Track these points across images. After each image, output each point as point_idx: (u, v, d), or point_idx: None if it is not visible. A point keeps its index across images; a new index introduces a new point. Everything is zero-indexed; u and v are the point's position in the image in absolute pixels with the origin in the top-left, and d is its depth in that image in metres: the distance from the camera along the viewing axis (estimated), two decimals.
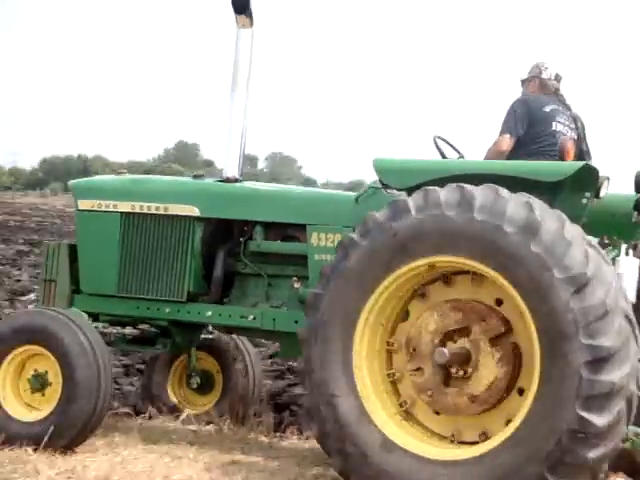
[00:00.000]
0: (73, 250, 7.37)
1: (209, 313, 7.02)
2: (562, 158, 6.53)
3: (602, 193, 6.35)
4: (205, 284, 7.14)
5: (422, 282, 5.94)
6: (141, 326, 7.67)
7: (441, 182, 5.81)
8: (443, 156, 7.00)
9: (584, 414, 5.23)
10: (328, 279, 5.88)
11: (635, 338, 5.49)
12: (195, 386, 8.08)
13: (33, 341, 6.59)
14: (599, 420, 5.23)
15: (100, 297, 7.28)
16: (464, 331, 5.78)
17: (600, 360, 5.25)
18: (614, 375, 5.27)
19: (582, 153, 7.20)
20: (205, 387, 8.14)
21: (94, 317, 7.28)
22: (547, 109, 7.04)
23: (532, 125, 6.92)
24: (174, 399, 8.14)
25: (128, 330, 7.79)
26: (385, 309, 5.92)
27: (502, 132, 6.90)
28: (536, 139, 6.87)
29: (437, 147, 7.02)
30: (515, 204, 5.50)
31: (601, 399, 5.25)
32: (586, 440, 5.25)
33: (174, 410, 8.01)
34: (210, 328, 7.91)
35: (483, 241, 5.52)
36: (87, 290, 7.31)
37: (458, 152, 7.16)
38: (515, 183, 5.77)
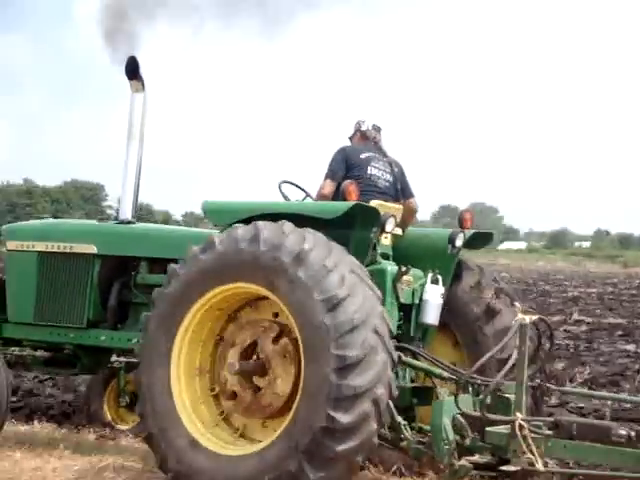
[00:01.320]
0: (2, 284, 8.61)
1: (103, 337, 8.14)
2: (344, 198, 7.28)
3: (388, 228, 7.34)
4: (103, 312, 8.23)
5: (234, 308, 6.94)
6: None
7: (256, 219, 6.79)
8: (286, 199, 7.91)
9: (332, 413, 6.12)
10: (155, 303, 6.90)
11: (386, 349, 6.35)
12: (124, 404, 9.18)
13: None
14: (345, 418, 6.13)
15: (22, 325, 8.43)
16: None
17: (346, 367, 6.14)
18: (358, 380, 6.15)
19: (397, 193, 8.07)
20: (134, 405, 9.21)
21: (17, 342, 8.52)
22: (363, 156, 7.92)
23: (350, 170, 7.79)
24: (108, 415, 9.27)
25: (40, 353, 8.92)
26: (202, 330, 6.91)
27: (325, 177, 7.80)
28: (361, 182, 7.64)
29: (281, 192, 8.02)
30: (292, 238, 6.46)
31: (347, 400, 6.14)
32: (335, 436, 6.13)
33: (109, 425, 9.14)
34: None
35: (266, 269, 6.47)
36: (12, 319, 8.48)
37: (306, 192, 8.05)
38: (306, 220, 6.77)
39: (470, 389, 7.14)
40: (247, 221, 6.86)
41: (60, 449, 8.06)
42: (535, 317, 7.05)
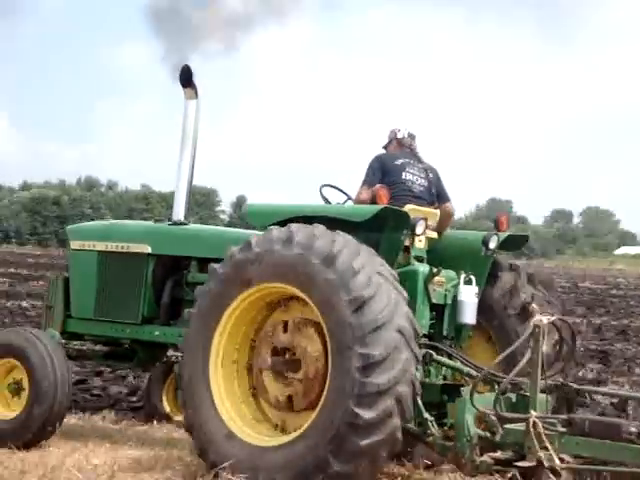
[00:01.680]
0: (67, 282, 9.19)
1: (157, 333, 8.63)
2: (375, 202, 7.60)
3: (418, 231, 7.67)
4: (157, 309, 8.73)
5: (268, 309, 7.37)
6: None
7: (293, 221, 7.20)
8: (327, 202, 8.27)
9: (356, 409, 6.46)
10: (196, 300, 7.36)
11: (409, 348, 6.62)
12: None
13: (10, 355, 8.36)
14: (368, 414, 6.46)
15: (84, 320, 9.01)
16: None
17: (369, 365, 6.47)
18: (381, 378, 6.47)
19: (432, 197, 8.39)
20: None
21: (80, 337, 9.09)
22: (398, 162, 8.27)
23: (385, 176, 8.14)
24: (167, 408, 9.76)
25: (99, 347, 9.48)
26: (239, 328, 7.33)
27: (362, 184, 8.14)
28: (389, 187, 7.94)
29: (322, 195, 8.41)
30: (322, 240, 6.83)
31: (370, 397, 6.47)
32: (359, 431, 6.47)
33: (168, 417, 9.64)
34: None
35: (297, 269, 6.86)
36: (75, 315, 9.06)
37: (347, 195, 8.39)
38: (339, 223, 7.19)
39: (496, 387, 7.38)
40: (285, 223, 7.22)
41: (126, 441, 8.57)
42: (553, 318, 7.28)
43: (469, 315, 7.88)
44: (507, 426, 6.98)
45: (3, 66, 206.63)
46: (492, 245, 8.12)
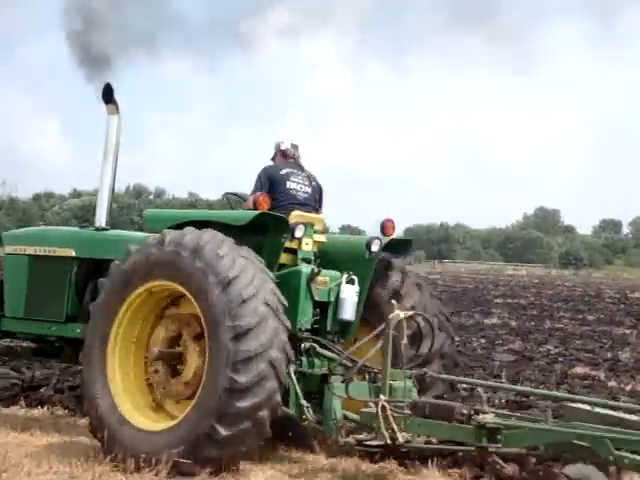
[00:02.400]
0: (1, 284, 10.00)
1: (79, 330, 9.35)
2: (255, 208, 8.38)
3: (297, 234, 8.45)
4: (79, 308, 9.51)
5: (160, 306, 8.17)
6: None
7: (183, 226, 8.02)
8: (233, 208, 9.08)
9: (232, 375, 7.22)
10: (99, 294, 8.26)
11: (277, 318, 7.44)
12: None
13: None
14: (243, 378, 7.21)
15: (15, 319, 9.79)
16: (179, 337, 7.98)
17: (240, 335, 7.26)
18: (252, 345, 7.25)
19: (316, 203, 9.21)
20: None
21: (13, 334, 9.93)
22: (283, 172, 9.07)
23: (272, 186, 8.93)
24: None
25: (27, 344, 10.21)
26: (133, 328, 8.12)
27: (251, 193, 8.92)
28: (275, 196, 8.78)
29: (227, 200, 9.39)
30: (190, 236, 7.69)
31: (243, 363, 7.23)
32: (236, 394, 7.21)
33: None
34: None
35: (169, 265, 7.70)
36: (8, 314, 9.85)
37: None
38: (222, 227, 7.96)
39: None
40: (178, 228, 8.03)
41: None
42: (410, 313, 8.04)
43: (349, 312, 8.60)
44: (362, 409, 7.72)
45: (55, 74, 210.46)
46: (374, 248, 8.81)
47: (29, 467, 7.12)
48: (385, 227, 9.10)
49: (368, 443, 7.69)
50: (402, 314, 7.97)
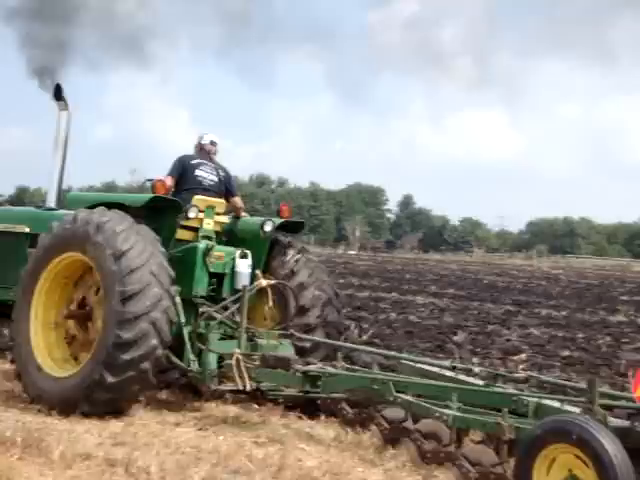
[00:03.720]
0: None
1: None
2: (154, 192, 9.72)
3: (190, 215, 9.86)
4: None
5: (77, 275, 9.60)
6: None
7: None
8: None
9: (118, 332, 8.57)
10: (28, 261, 9.72)
11: (161, 285, 8.76)
12: None
13: None
14: (127, 335, 8.54)
15: None
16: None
17: (126, 298, 8.62)
18: (136, 307, 8.60)
19: (221, 190, 10.62)
20: None
21: None
22: (193, 162, 10.48)
23: (183, 173, 10.37)
24: None
25: None
26: (55, 291, 9.57)
27: (167, 175, 10.30)
28: (184, 182, 10.31)
29: (145, 186, 10.75)
30: (97, 215, 9.10)
31: (128, 322, 8.58)
32: (121, 348, 8.55)
33: None
34: None
35: (78, 239, 9.13)
36: None
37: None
38: (124, 207, 9.41)
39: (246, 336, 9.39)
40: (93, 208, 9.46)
41: None
42: (273, 282, 9.46)
43: (242, 282, 9.90)
44: (226, 361, 9.02)
45: (185, 67, 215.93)
46: (267, 228, 10.37)
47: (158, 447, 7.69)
48: (281, 210, 10.67)
49: (229, 389, 9.05)
50: (264, 282, 9.37)
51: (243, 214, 10.93)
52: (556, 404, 6.91)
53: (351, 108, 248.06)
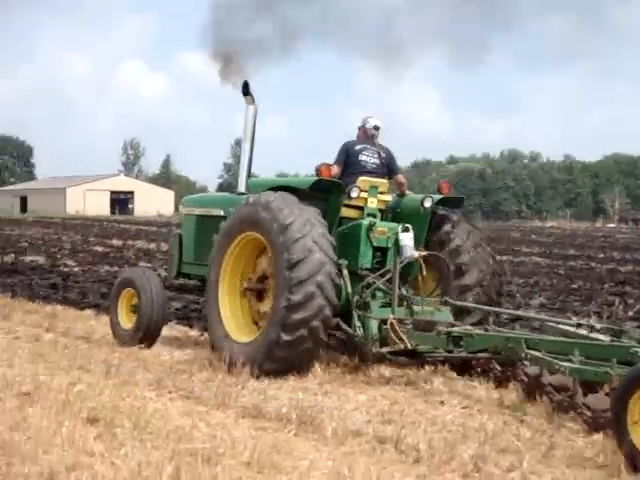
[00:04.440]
0: (181, 238, 12.98)
1: None
2: (318, 175, 10.78)
3: (353, 195, 10.85)
4: None
5: (255, 253, 10.80)
6: None
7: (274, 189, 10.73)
8: None
9: (288, 295, 9.74)
10: (218, 235, 11.02)
11: (323, 252, 9.81)
12: None
13: (130, 286, 12.29)
14: (296, 297, 9.71)
15: (188, 264, 12.76)
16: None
17: (292, 265, 9.78)
18: (301, 272, 9.76)
19: (383, 171, 11.50)
20: None
21: (188, 275, 12.89)
22: (357, 148, 11.44)
23: (348, 158, 11.34)
24: None
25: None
26: (237, 270, 10.79)
27: (333, 163, 11.30)
28: (350, 166, 11.34)
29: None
30: (264, 197, 10.32)
31: (296, 286, 9.74)
32: (292, 309, 9.71)
33: None
34: None
35: (252, 219, 10.39)
36: (185, 260, 12.80)
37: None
38: (297, 190, 10.55)
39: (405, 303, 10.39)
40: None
41: None
42: (424, 253, 10.57)
43: (406, 254, 10.75)
44: (384, 326, 9.87)
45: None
46: (427, 204, 11.28)
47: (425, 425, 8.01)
48: (440, 187, 11.71)
49: (387, 350, 9.94)
50: (416, 254, 10.28)
51: (407, 192, 11.83)
52: None
53: (602, 80, 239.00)
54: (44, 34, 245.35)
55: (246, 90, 12.59)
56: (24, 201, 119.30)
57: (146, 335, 11.96)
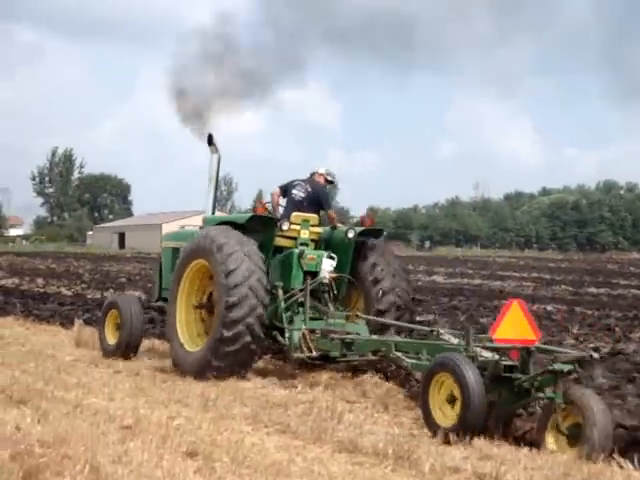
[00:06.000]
0: (161, 266, 14.78)
1: None
2: (254, 210, 13.00)
3: (284, 228, 12.92)
4: None
5: (207, 276, 12.73)
6: None
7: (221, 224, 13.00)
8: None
9: (222, 330, 11.83)
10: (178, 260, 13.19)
11: (257, 298, 11.91)
12: None
13: (113, 308, 14.30)
14: (228, 333, 11.80)
15: (167, 290, 13.74)
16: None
17: (229, 272, 11.91)
18: (237, 278, 11.87)
19: (313, 207, 13.68)
20: None
21: (166, 300, 13.93)
22: (294, 184, 13.81)
23: (284, 194, 13.81)
24: None
25: None
26: (192, 290, 12.91)
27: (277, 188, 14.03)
28: (287, 199, 13.71)
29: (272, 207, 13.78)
30: (207, 230, 12.82)
31: (232, 289, 11.82)
32: (224, 342, 11.83)
33: None
34: None
35: (200, 247, 12.55)
36: (164, 286, 14.37)
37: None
38: (238, 225, 12.73)
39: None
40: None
41: None
42: (334, 275, 13.01)
43: (320, 275, 12.88)
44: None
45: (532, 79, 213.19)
46: (350, 235, 13.21)
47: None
48: (363, 220, 13.73)
49: (301, 356, 12.17)
50: (328, 275, 12.90)
51: (338, 225, 13.72)
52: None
53: None
54: (142, 74, 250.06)
55: (210, 141, 14.29)
56: (122, 237, 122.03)
57: (125, 348, 13.90)
